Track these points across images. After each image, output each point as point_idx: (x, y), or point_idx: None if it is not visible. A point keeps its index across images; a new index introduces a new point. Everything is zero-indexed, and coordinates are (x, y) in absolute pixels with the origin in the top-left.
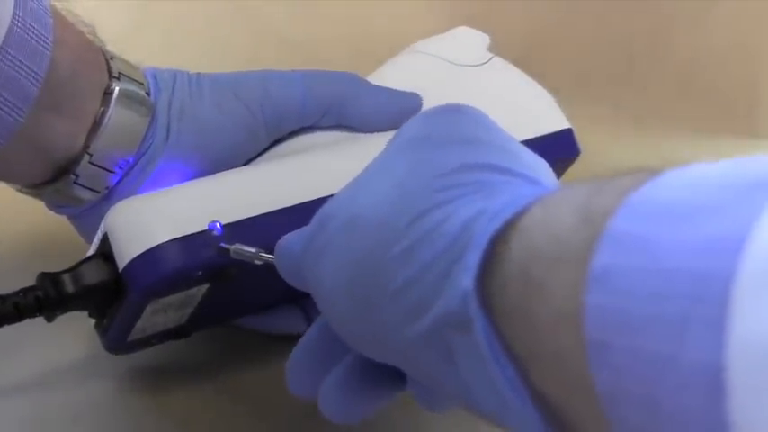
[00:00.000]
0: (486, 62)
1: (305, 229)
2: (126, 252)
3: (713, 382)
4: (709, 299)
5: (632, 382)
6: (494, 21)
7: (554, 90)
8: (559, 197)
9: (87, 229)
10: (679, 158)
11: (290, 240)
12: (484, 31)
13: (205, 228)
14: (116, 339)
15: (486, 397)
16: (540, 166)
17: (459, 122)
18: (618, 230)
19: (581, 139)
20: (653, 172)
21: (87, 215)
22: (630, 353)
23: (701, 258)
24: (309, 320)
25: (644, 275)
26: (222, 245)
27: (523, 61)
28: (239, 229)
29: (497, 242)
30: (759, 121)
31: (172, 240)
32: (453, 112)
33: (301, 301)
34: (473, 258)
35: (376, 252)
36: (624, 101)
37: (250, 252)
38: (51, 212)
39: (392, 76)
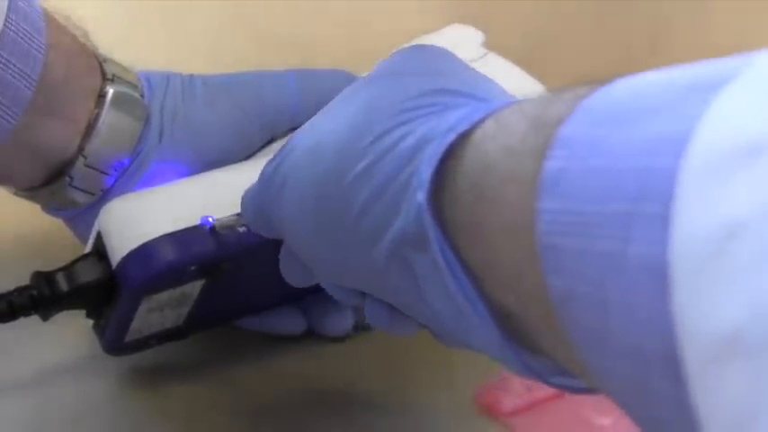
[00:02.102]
0: (481, 58)
1: (264, 169)
2: (119, 248)
3: (658, 278)
4: (654, 195)
5: (583, 283)
6: (493, 21)
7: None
8: (512, 109)
9: (83, 232)
10: None
11: (252, 187)
12: (482, 30)
13: (197, 223)
14: (114, 340)
15: (446, 312)
16: (501, 95)
17: (422, 57)
18: (568, 135)
19: None
20: (600, 82)
21: (83, 217)
22: (581, 255)
23: (646, 157)
24: (309, 321)
25: (592, 177)
26: (205, 223)
27: (523, 61)
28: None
29: (451, 157)
30: None
31: (164, 236)
32: (417, 50)
33: (300, 302)
34: (425, 173)
35: (337, 175)
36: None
37: (233, 218)
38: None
39: None
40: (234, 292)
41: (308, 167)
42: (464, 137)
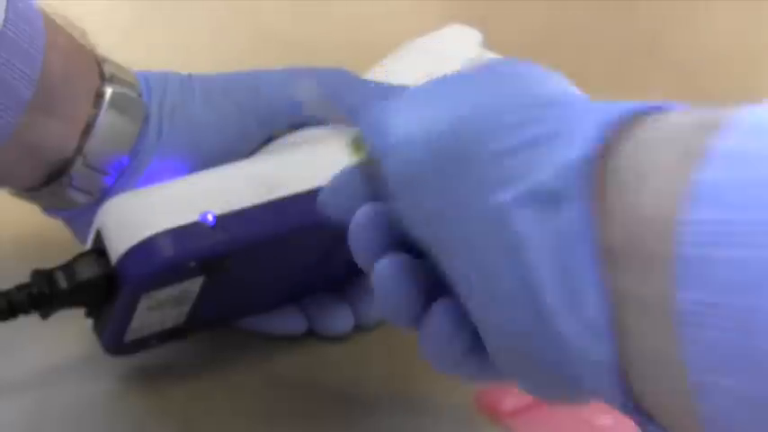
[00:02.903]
0: (479, 57)
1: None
2: (118, 245)
3: None
4: None
5: (723, 294)
6: (492, 21)
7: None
8: (671, 116)
9: (83, 231)
10: None
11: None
12: (481, 31)
13: (197, 219)
14: (113, 339)
15: (552, 290)
16: None
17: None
18: (726, 146)
19: None
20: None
21: (82, 217)
22: (729, 264)
23: None
24: (309, 321)
25: (747, 188)
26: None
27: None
28: (232, 221)
29: (611, 136)
30: None
31: (164, 231)
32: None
33: (300, 302)
34: (589, 136)
35: (485, 113)
36: (624, 101)
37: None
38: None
39: (387, 73)
40: (234, 291)
41: (451, 96)
42: (623, 119)
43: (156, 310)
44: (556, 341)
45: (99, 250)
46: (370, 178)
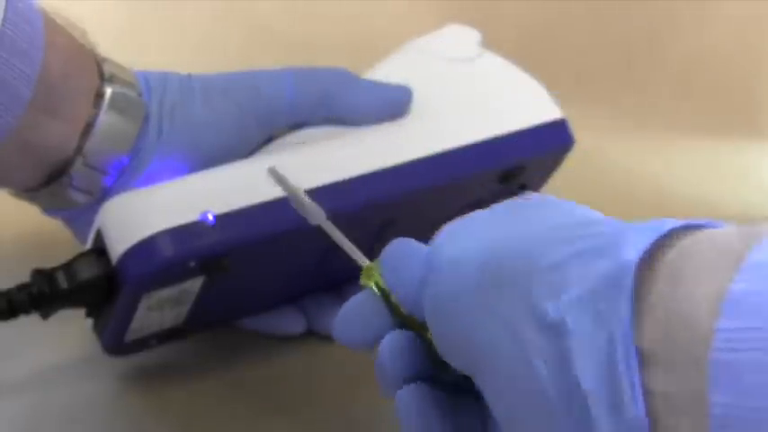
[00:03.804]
0: (478, 56)
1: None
2: (119, 244)
3: None
4: None
5: (752, 400)
6: (492, 21)
7: (553, 90)
8: (697, 238)
9: (83, 232)
10: (678, 158)
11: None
12: (481, 30)
13: (197, 218)
14: (114, 339)
15: (597, 395)
16: None
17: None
18: (758, 261)
19: (580, 139)
20: None
21: (82, 217)
22: (758, 370)
23: None
24: (309, 321)
25: None
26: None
27: (522, 61)
28: (231, 220)
29: (653, 247)
30: (759, 121)
31: (164, 231)
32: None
33: (300, 302)
34: (634, 246)
35: (530, 233)
36: (624, 101)
37: (295, 188)
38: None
39: (387, 73)
40: (234, 291)
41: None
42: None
43: (156, 310)
44: None
45: (99, 250)
46: (382, 308)
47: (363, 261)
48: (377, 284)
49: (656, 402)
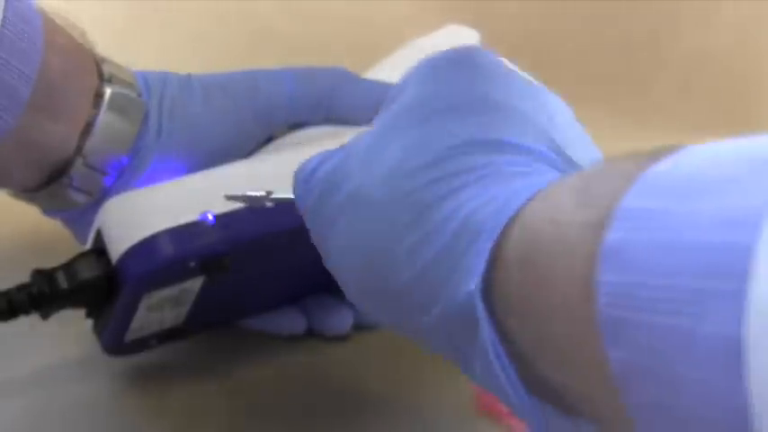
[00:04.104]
0: None
1: (312, 174)
2: (119, 244)
3: (732, 356)
4: (728, 272)
5: (648, 357)
6: (492, 21)
7: (553, 90)
8: (561, 184)
9: (83, 232)
10: None
11: (307, 181)
12: (481, 30)
13: (197, 218)
14: (114, 339)
15: (487, 381)
16: (554, 119)
17: (466, 79)
18: (630, 207)
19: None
20: (667, 149)
21: (82, 218)
22: (646, 329)
23: (719, 232)
24: (309, 321)
25: (660, 250)
26: (229, 195)
27: (522, 61)
28: (231, 220)
29: (501, 237)
30: (759, 121)
31: (164, 231)
32: (459, 64)
33: (300, 302)
34: (478, 265)
35: (382, 246)
36: (624, 101)
37: (259, 196)
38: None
39: (387, 73)
40: (234, 291)
41: (354, 222)
42: (513, 215)
43: (156, 310)
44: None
45: (99, 250)
46: None
47: None
48: None
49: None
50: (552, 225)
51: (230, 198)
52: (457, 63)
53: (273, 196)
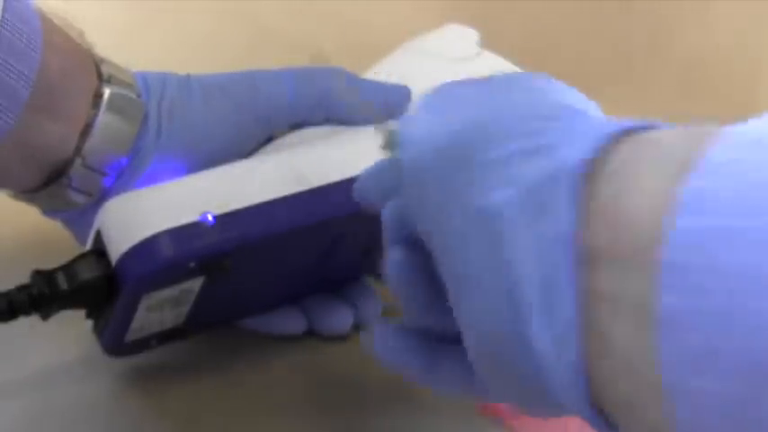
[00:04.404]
0: (477, 56)
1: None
2: (118, 245)
3: None
4: None
5: (707, 298)
6: (492, 21)
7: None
8: (661, 132)
9: (82, 233)
10: None
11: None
12: (480, 30)
13: (197, 219)
14: (114, 340)
15: (530, 290)
16: None
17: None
18: (713, 157)
19: None
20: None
21: (82, 219)
22: (709, 270)
23: None
24: (309, 321)
25: (740, 194)
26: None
27: (522, 61)
28: (231, 220)
29: (604, 149)
30: None
31: (164, 231)
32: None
33: (300, 302)
34: (583, 148)
35: (491, 120)
36: (624, 101)
37: None
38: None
39: (387, 73)
40: (234, 291)
41: (457, 103)
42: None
43: (156, 310)
44: (528, 344)
45: (99, 251)
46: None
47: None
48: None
49: (594, 303)
50: (636, 178)
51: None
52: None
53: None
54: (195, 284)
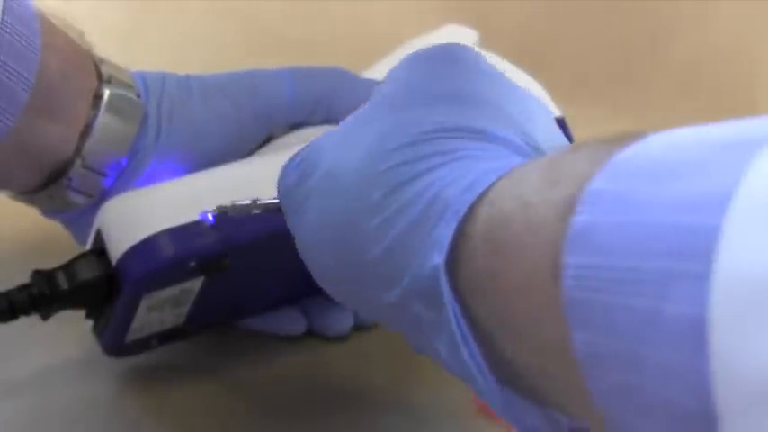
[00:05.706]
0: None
1: (292, 166)
2: (119, 245)
3: (697, 337)
4: (694, 253)
5: (613, 340)
6: (492, 21)
7: (553, 90)
8: (530, 166)
9: (82, 234)
10: None
11: (287, 173)
12: (480, 30)
13: (197, 218)
14: (114, 340)
15: (450, 361)
16: (534, 121)
17: (447, 72)
18: (599, 190)
19: (580, 139)
20: (632, 136)
21: (81, 219)
22: (611, 311)
23: (685, 214)
24: (309, 321)
25: (626, 232)
26: (219, 206)
27: (522, 61)
28: (231, 220)
29: (467, 216)
30: None
31: (164, 231)
32: (442, 59)
33: (300, 302)
34: (444, 238)
35: (353, 221)
36: (624, 101)
37: (246, 204)
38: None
39: (386, 73)
40: (234, 291)
41: (326, 200)
42: (480, 194)
43: (157, 310)
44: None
45: (99, 250)
46: None
47: None
48: None
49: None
50: (520, 205)
51: (219, 209)
52: (437, 58)
53: (260, 202)
54: (195, 284)
